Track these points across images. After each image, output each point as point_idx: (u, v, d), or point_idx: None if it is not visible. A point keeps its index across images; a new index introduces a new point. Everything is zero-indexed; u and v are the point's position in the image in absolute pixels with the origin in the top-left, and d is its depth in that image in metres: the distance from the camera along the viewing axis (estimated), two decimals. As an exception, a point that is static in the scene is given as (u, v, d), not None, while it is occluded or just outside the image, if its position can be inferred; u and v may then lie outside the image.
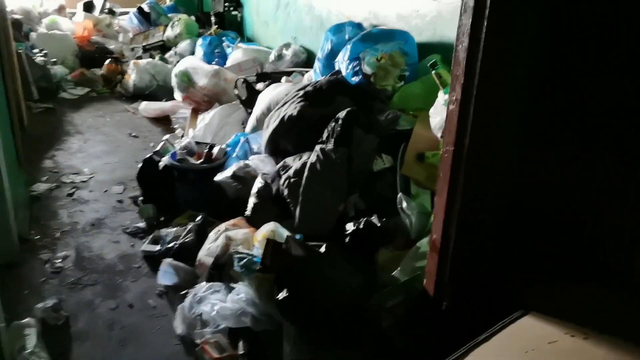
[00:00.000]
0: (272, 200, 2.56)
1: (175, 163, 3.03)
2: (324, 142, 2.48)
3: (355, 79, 2.74)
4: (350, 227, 2.22)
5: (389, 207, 2.33)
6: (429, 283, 1.80)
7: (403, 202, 2.17)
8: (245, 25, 6.01)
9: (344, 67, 2.82)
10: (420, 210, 2.18)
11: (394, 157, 2.42)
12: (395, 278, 2.00)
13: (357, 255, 2.18)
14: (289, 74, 4.11)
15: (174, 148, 3.25)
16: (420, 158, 2.27)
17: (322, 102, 2.66)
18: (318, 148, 2.47)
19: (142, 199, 3.27)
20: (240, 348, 2.06)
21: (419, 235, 2.14)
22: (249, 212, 2.57)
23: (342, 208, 2.39)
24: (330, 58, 3.30)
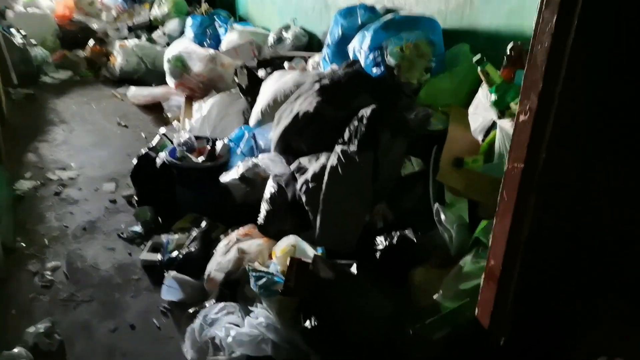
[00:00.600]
0: (287, 207, 2.31)
1: (175, 161, 2.76)
2: (346, 143, 2.24)
3: (376, 71, 2.48)
4: (382, 242, 1.99)
5: (421, 217, 2.11)
6: (484, 314, 1.58)
7: (441, 214, 1.94)
8: (238, 4, 5.66)
9: (363, 56, 2.55)
10: (460, 222, 1.95)
11: (425, 160, 2.19)
12: (437, 302, 1.79)
13: (389, 274, 1.96)
14: (291, 59, 3.82)
15: (172, 144, 2.97)
16: (458, 164, 2.03)
17: (340, 97, 2.40)
18: (339, 150, 2.22)
19: (137, 199, 3.00)
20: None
21: (460, 251, 1.93)
22: (262, 220, 2.32)
23: (368, 218, 2.16)
24: (341, 44, 3.03)
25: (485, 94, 1.94)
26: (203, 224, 2.56)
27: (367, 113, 2.19)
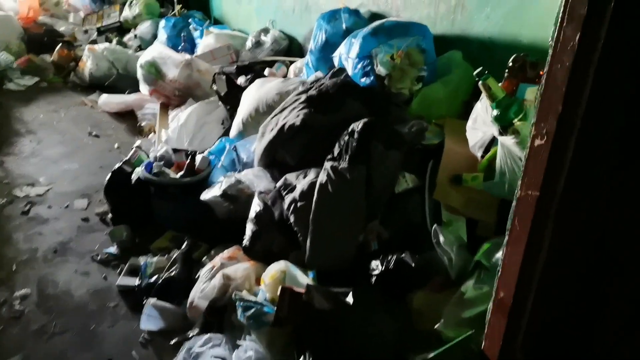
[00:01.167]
0: (274, 227, 2.17)
1: (152, 177, 2.59)
2: (336, 158, 2.11)
3: (365, 80, 2.36)
4: (378, 266, 1.87)
5: (417, 235, 2.00)
6: (492, 348, 1.48)
7: (440, 235, 1.84)
8: (213, 4, 5.47)
9: (350, 65, 2.43)
10: (459, 244, 1.85)
11: (419, 175, 2.08)
12: (438, 332, 1.68)
13: (386, 299, 1.84)
14: (271, 64, 3.68)
15: (148, 157, 2.80)
16: (457, 181, 1.93)
17: (329, 108, 2.27)
18: (329, 166, 2.10)
19: (111, 216, 2.82)
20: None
21: (460, 274, 1.82)
22: (247, 241, 2.18)
23: (361, 238, 2.04)
24: (325, 50, 2.91)
25: (485, 108, 1.83)
26: (184, 244, 2.41)
27: (358, 127, 2.06)
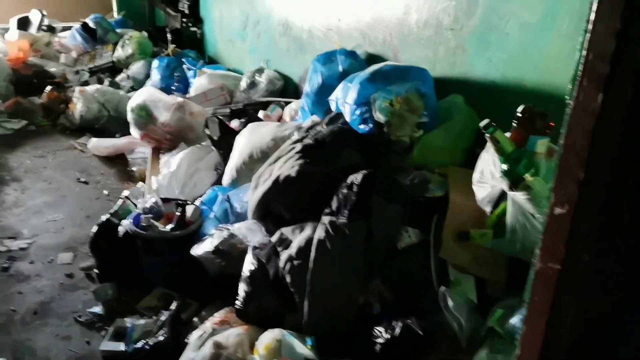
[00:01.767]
0: (269, 287, 2.02)
1: (139, 231, 2.45)
2: (334, 213, 1.98)
3: (364, 127, 2.24)
4: (382, 333, 1.72)
5: (422, 294, 1.86)
6: None
7: (448, 299, 1.69)
8: (207, 44, 5.43)
9: (348, 110, 2.32)
10: (469, 307, 1.71)
11: (423, 229, 1.95)
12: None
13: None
14: (266, 106, 3.59)
15: (136, 208, 2.67)
16: (464, 237, 1.80)
17: (325, 158, 2.15)
18: (327, 221, 1.97)
19: (97, 272, 2.67)
20: None
21: (471, 341, 1.67)
22: (241, 303, 2.03)
23: (362, 300, 1.89)
24: (322, 93, 2.81)
25: (492, 160, 1.71)
26: (173, 304, 2.26)
27: (357, 179, 1.94)
